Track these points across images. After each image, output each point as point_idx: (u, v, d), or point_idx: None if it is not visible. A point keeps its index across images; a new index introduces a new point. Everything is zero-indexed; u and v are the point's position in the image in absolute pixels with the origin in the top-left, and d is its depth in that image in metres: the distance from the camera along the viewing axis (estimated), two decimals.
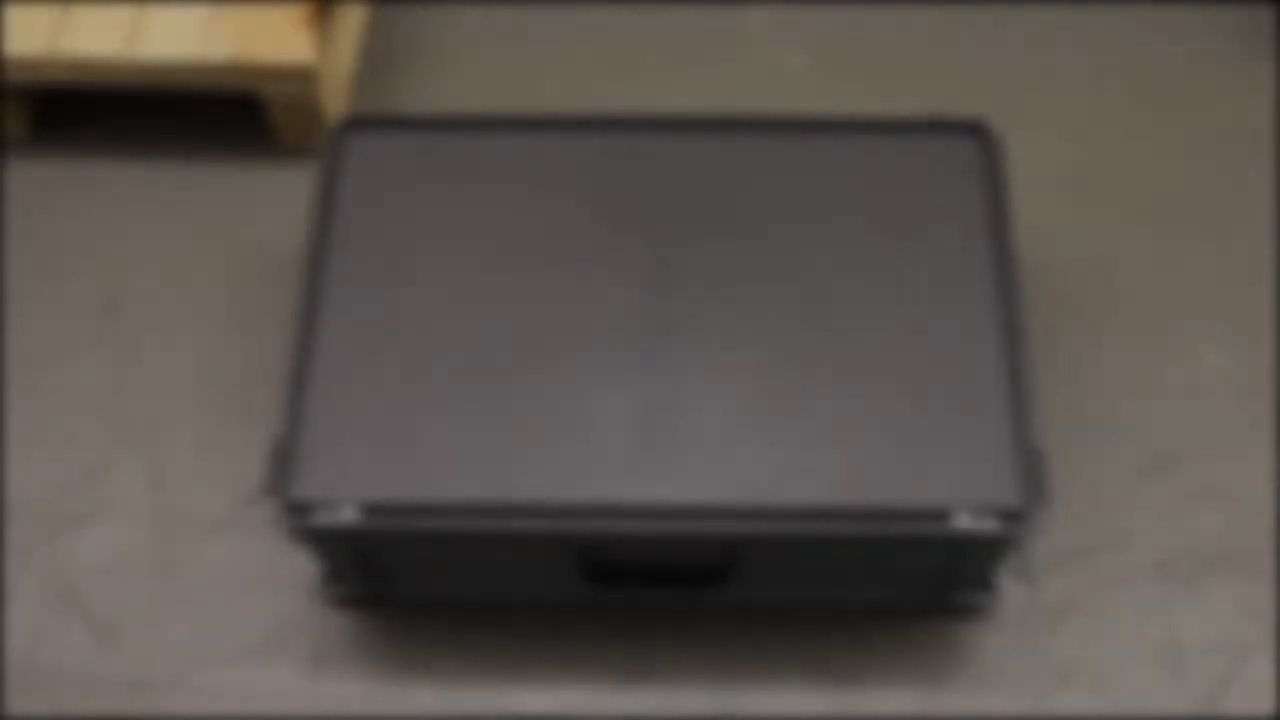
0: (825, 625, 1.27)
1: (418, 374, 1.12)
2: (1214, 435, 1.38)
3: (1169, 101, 1.65)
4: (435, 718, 1.24)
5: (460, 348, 1.14)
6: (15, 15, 1.51)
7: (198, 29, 1.50)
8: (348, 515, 1.04)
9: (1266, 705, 1.23)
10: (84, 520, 1.35)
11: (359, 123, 1.28)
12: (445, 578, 1.24)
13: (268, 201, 1.56)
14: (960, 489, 1.05)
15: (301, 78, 1.49)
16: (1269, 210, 1.54)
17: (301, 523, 1.06)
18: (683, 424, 1.10)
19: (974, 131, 1.25)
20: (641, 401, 1.10)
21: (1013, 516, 1.02)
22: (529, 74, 1.68)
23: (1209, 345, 1.44)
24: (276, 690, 1.26)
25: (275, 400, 1.12)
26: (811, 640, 1.26)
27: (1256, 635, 1.26)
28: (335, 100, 1.58)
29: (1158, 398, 1.41)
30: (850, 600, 1.24)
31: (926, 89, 1.65)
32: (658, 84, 1.67)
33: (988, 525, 1.03)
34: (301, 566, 1.30)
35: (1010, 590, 1.28)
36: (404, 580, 1.23)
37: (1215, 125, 1.62)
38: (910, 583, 1.21)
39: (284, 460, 1.07)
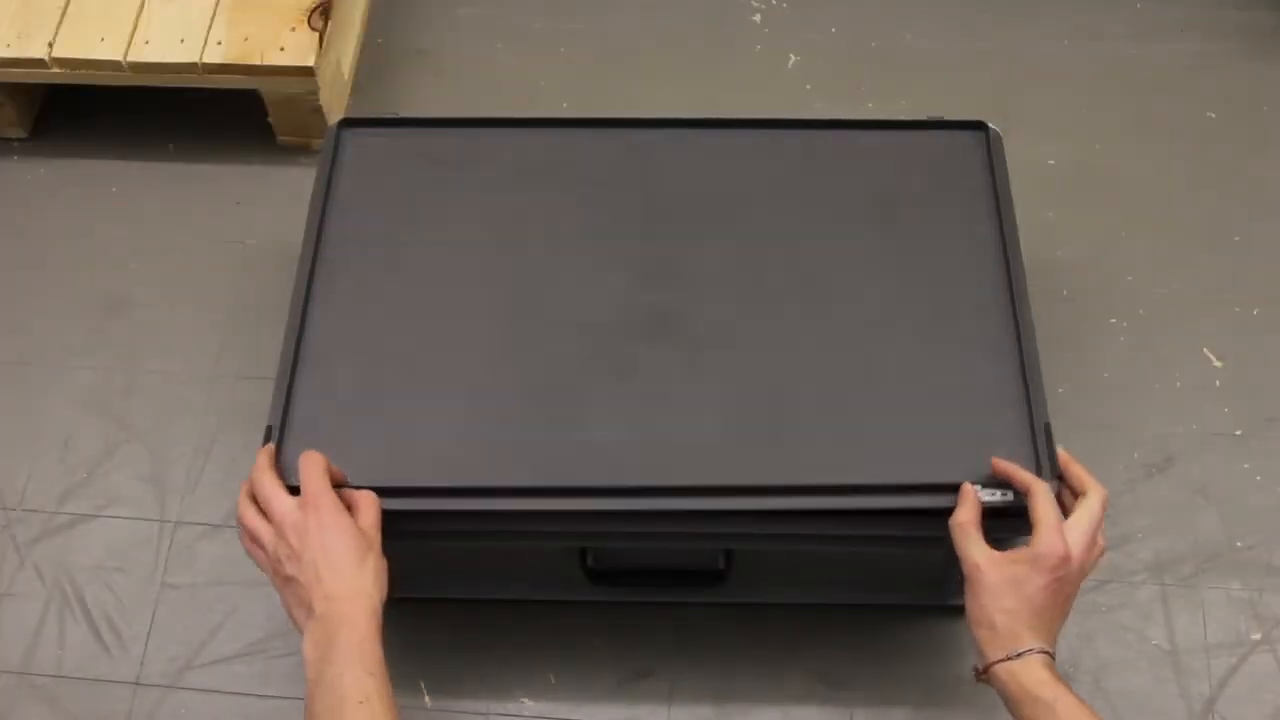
0: (825, 625, 1.27)
1: (410, 365, 1.12)
2: (1214, 435, 1.38)
3: (1170, 101, 1.65)
4: (435, 718, 1.24)
5: (453, 340, 1.13)
6: (15, 15, 1.51)
7: (198, 29, 1.50)
8: None
9: (1267, 706, 1.23)
10: (84, 520, 1.35)
11: (357, 122, 1.28)
12: (445, 577, 1.24)
13: (268, 201, 1.56)
14: (971, 464, 1.03)
15: (301, 78, 1.49)
16: (1270, 210, 1.54)
17: None
18: (683, 405, 1.08)
19: (975, 127, 1.25)
20: (640, 385, 1.09)
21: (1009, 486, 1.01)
22: (528, 75, 1.68)
23: (1209, 345, 1.44)
24: (276, 690, 1.26)
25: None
26: (811, 641, 1.26)
27: (1256, 635, 1.26)
28: (335, 100, 1.58)
29: (1158, 398, 1.41)
30: (851, 600, 1.24)
31: (926, 89, 1.65)
32: (656, 86, 1.67)
33: (998, 498, 1.01)
34: None
35: None
36: (404, 580, 1.23)
37: (1216, 125, 1.62)
38: (911, 583, 1.21)
39: (274, 449, 1.06)
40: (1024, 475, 0.98)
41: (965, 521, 0.97)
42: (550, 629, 1.27)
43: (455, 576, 1.24)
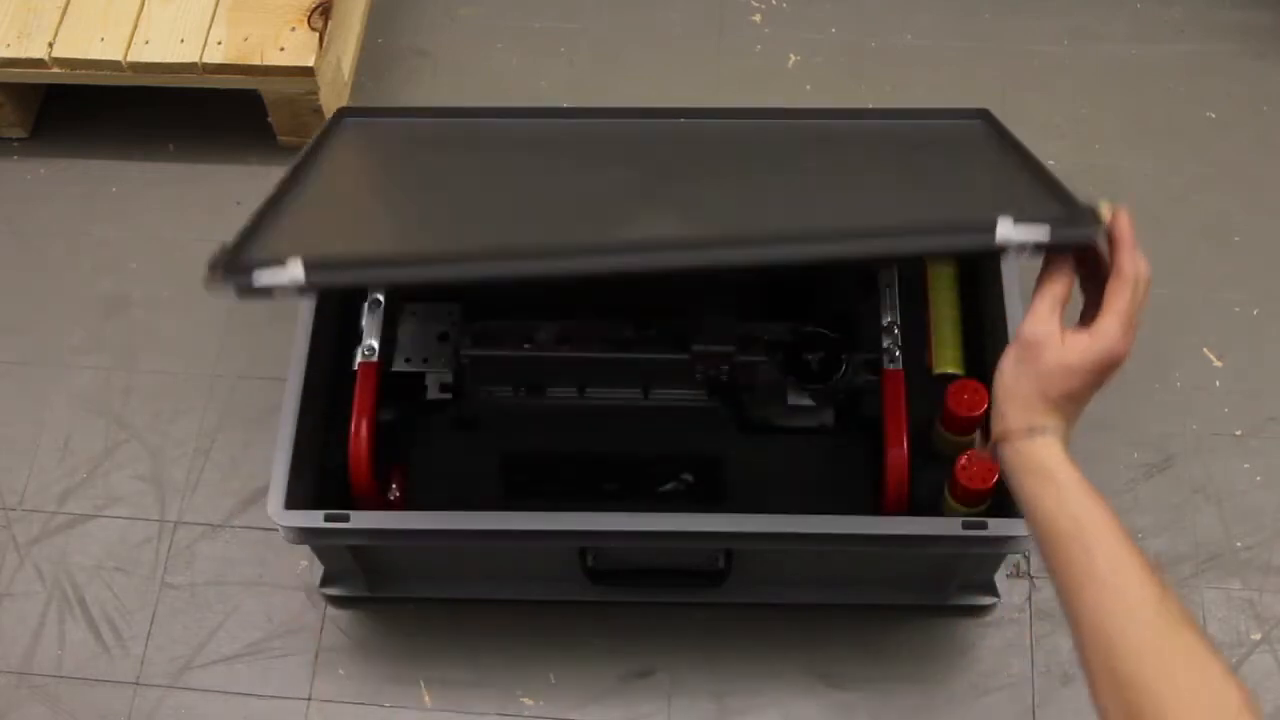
0: (825, 625, 1.27)
1: (383, 196, 1.09)
2: (1214, 435, 1.38)
3: (1170, 101, 1.64)
4: (435, 718, 1.24)
5: (438, 190, 1.09)
6: (15, 15, 1.50)
7: (198, 29, 1.50)
8: (291, 272, 0.92)
9: (1267, 705, 1.23)
10: (84, 520, 1.35)
11: (352, 111, 1.26)
12: (445, 577, 1.24)
13: None
14: (1007, 207, 0.97)
15: (301, 78, 1.49)
16: (1270, 210, 1.54)
17: (245, 283, 0.93)
18: (693, 215, 1.00)
19: (979, 115, 1.23)
20: (645, 215, 1.01)
21: (1063, 221, 0.90)
22: (528, 75, 1.68)
23: (1209, 345, 1.44)
24: (276, 690, 1.26)
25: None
26: (811, 640, 1.26)
27: (1256, 635, 1.26)
28: (334, 100, 1.58)
29: (1158, 398, 1.41)
30: (851, 600, 1.24)
31: (925, 89, 1.65)
32: (656, 86, 1.67)
33: (1038, 234, 0.95)
34: (301, 566, 1.30)
35: (1010, 590, 1.28)
36: (404, 580, 1.24)
37: (1216, 125, 1.62)
38: (911, 583, 1.22)
39: (234, 243, 0.99)
40: (1129, 254, 0.86)
41: (1059, 288, 0.86)
42: (550, 629, 1.27)
43: (455, 577, 1.24)
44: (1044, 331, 0.84)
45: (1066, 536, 0.80)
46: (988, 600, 1.22)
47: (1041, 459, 0.83)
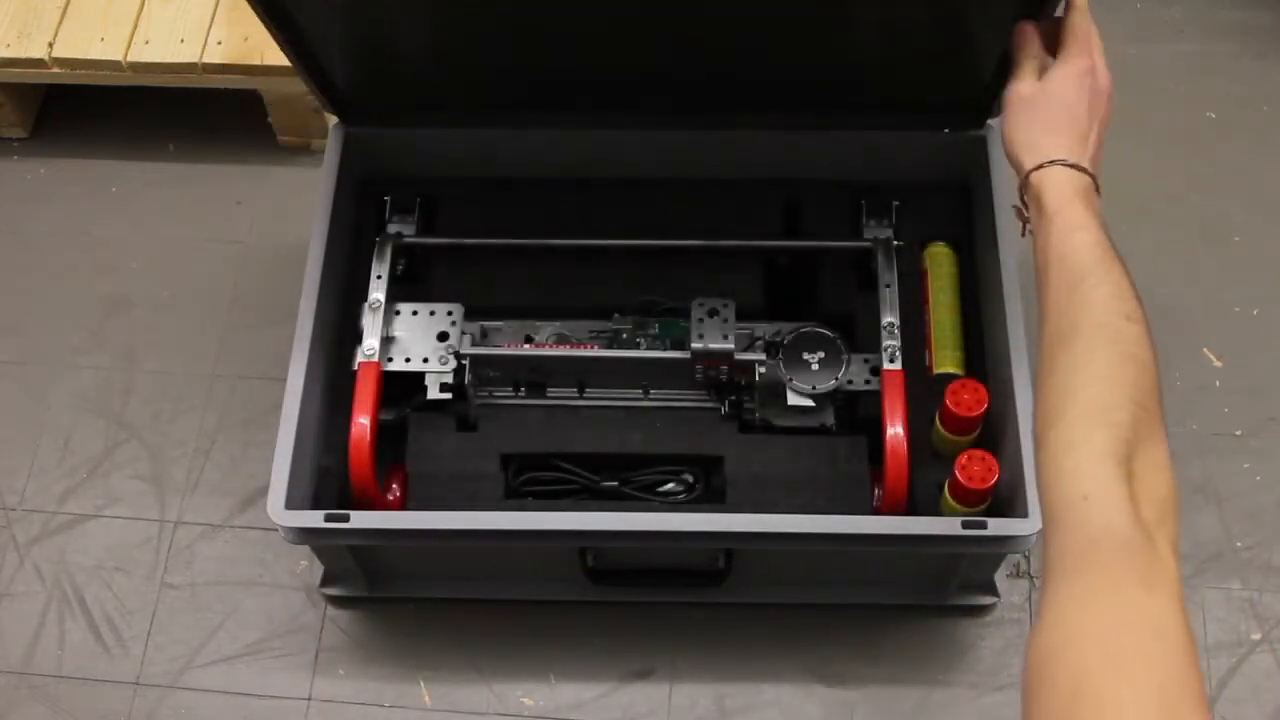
0: (825, 625, 1.27)
1: None
2: (1214, 435, 1.38)
3: (1170, 101, 1.64)
4: (435, 718, 1.24)
5: None
6: (15, 15, 1.50)
7: (198, 29, 1.50)
8: None
9: (1267, 706, 1.23)
10: (84, 520, 1.35)
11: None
12: (445, 577, 1.24)
13: (268, 201, 1.56)
14: None
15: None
16: (1270, 210, 1.54)
17: None
18: None
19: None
20: None
21: None
22: None
23: (1209, 345, 1.44)
24: (276, 690, 1.26)
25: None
26: (811, 640, 1.26)
27: (1256, 635, 1.26)
28: None
29: None
30: (851, 600, 1.24)
31: None
32: None
33: None
34: (301, 566, 1.30)
35: (1010, 590, 1.28)
36: (404, 580, 1.24)
37: (1216, 125, 1.62)
38: (911, 583, 1.22)
39: None
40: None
41: (1032, 48, 0.99)
42: (550, 629, 1.27)
43: (455, 577, 1.24)
44: (1027, 83, 0.96)
45: (1040, 269, 0.86)
46: (988, 600, 1.22)
47: (1041, 195, 0.89)
